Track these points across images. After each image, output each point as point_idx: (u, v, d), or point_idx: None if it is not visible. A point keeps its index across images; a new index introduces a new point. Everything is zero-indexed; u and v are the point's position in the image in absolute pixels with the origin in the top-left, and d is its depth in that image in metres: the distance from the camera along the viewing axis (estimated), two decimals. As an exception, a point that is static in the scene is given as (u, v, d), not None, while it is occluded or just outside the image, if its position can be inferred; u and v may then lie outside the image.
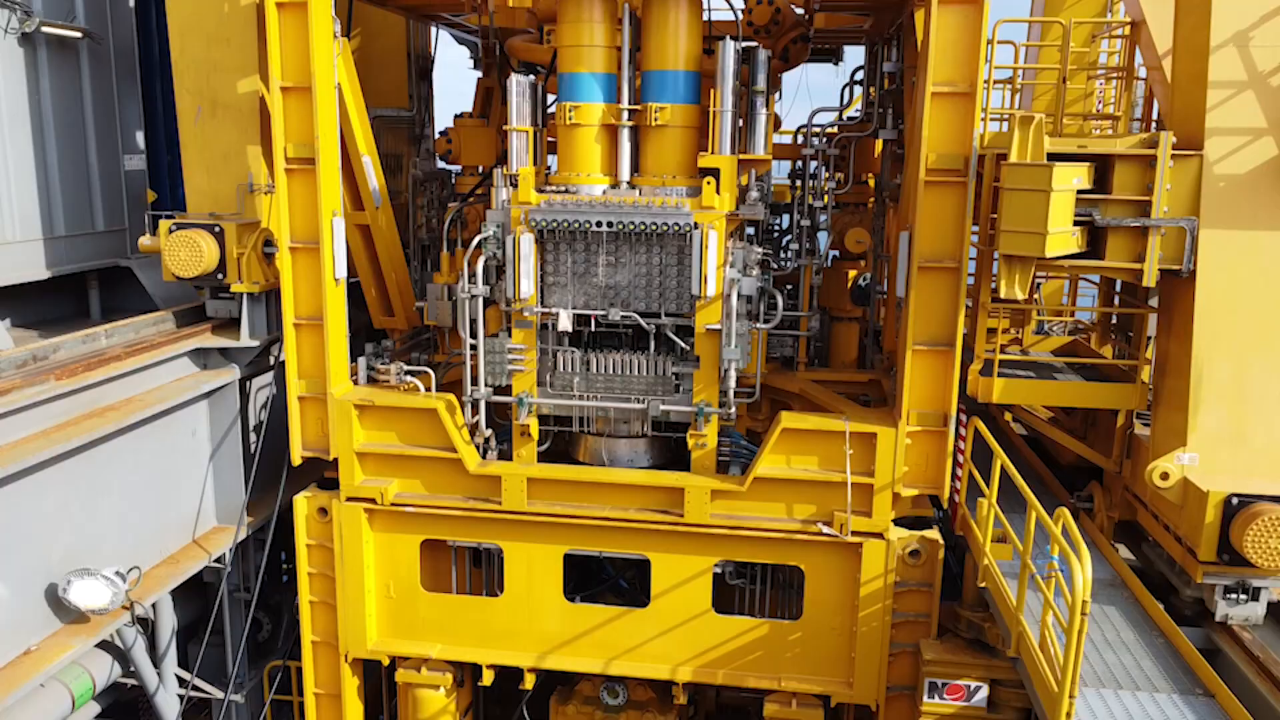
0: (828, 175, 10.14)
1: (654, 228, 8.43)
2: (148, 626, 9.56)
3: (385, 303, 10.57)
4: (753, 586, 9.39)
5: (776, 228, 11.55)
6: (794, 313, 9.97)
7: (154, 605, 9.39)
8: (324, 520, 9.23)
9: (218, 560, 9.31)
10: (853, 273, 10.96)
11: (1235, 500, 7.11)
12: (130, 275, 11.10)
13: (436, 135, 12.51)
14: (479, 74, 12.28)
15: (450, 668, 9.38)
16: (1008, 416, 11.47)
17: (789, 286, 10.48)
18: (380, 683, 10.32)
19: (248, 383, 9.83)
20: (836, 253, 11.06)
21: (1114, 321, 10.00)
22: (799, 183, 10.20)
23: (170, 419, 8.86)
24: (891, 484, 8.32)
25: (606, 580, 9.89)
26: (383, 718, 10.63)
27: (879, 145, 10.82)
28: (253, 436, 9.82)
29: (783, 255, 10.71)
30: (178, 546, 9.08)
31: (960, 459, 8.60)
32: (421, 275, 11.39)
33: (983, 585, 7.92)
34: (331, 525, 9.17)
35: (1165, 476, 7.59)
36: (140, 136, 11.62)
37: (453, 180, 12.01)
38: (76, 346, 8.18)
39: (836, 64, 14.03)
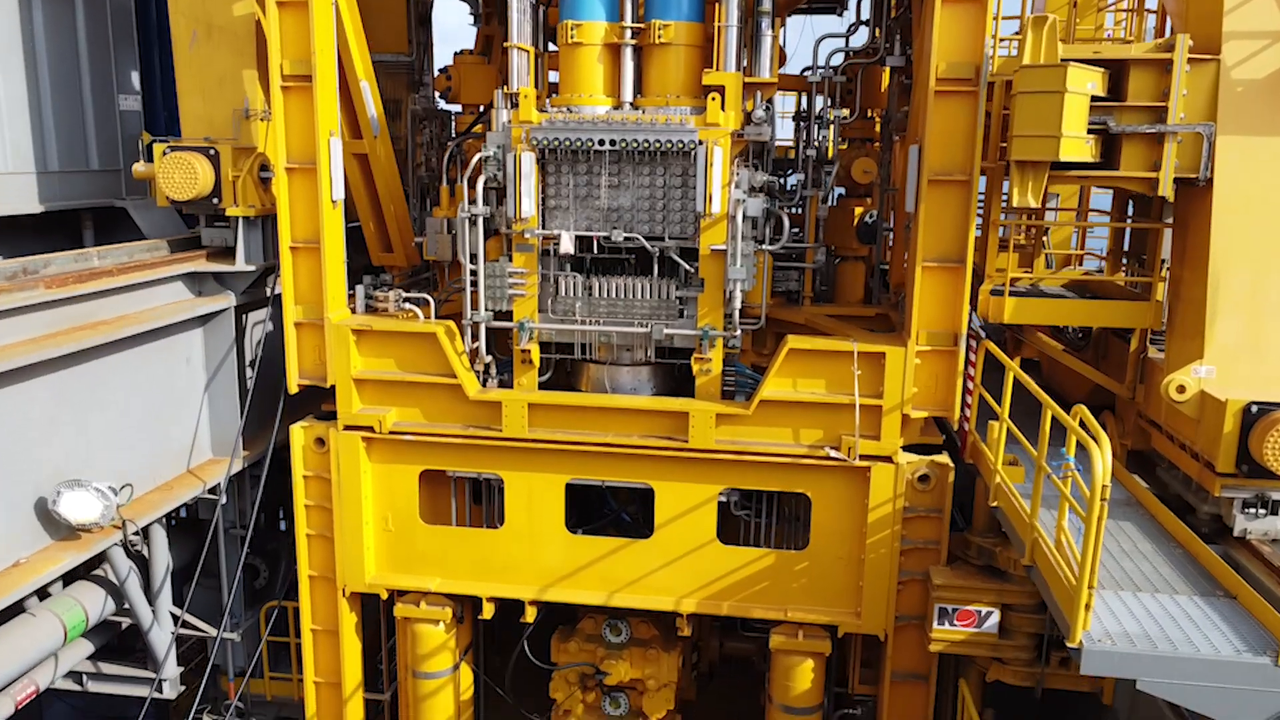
0: (834, 106, 9.97)
1: (658, 145, 8.25)
2: (143, 565, 9.41)
3: (384, 238, 10.39)
4: (758, 520, 9.20)
5: (780, 182, 11.37)
6: (800, 244, 9.80)
7: (148, 538, 9.25)
8: (321, 451, 9.05)
9: (212, 491, 9.13)
10: (859, 210, 10.79)
11: (1255, 408, 6.93)
12: (125, 217, 10.93)
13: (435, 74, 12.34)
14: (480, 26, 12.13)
15: (450, 602, 9.20)
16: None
17: (795, 230, 10.30)
18: (379, 621, 10.11)
19: (244, 316, 9.66)
20: (842, 190, 10.89)
21: (1126, 250, 9.80)
22: (804, 123, 10.02)
23: (164, 344, 8.69)
24: (900, 405, 8.14)
25: (609, 514, 9.70)
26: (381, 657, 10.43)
27: (885, 79, 10.65)
28: (249, 371, 9.64)
29: (788, 200, 10.53)
30: (172, 475, 8.91)
31: (970, 385, 8.44)
32: (420, 214, 11.21)
33: (994, 505, 7.75)
34: (329, 456, 9.00)
35: (1182, 390, 7.42)
36: (135, 77, 11.45)
37: (452, 120, 11.84)
38: (68, 264, 8.00)
39: (840, 14, 13.84)
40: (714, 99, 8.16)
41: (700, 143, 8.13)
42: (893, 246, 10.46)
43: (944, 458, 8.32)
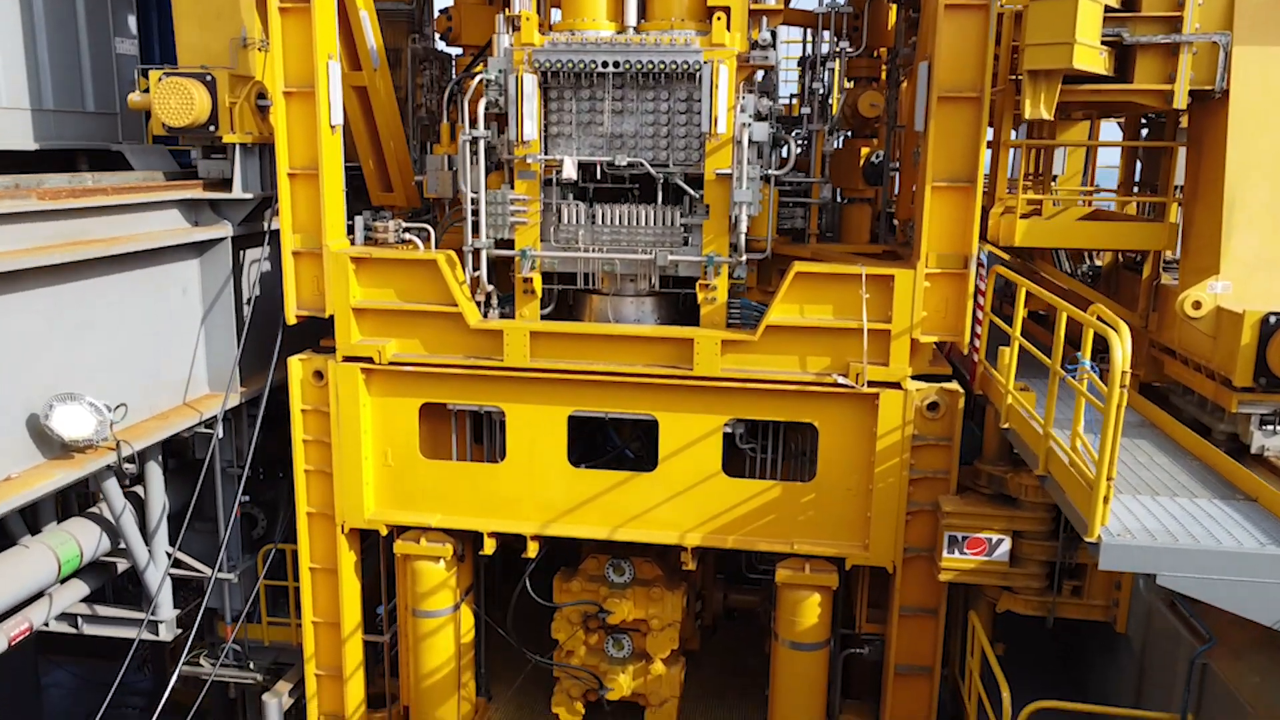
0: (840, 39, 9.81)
1: (662, 67, 8.11)
2: (139, 505, 9.27)
3: (383, 177, 10.25)
4: (764, 455, 9.06)
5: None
6: (806, 178, 9.66)
7: (144, 476, 9.12)
8: (319, 384, 8.91)
9: (208, 425, 8.98)
10: (865, 150, 10.64)
11: (1273, 319, 6.78)
12: (120, 160, 10.75)
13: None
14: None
15: (450, 539, 9.05)
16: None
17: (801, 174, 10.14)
18: (379, 569, 9.95)
19: (241, 253, 9.51)
20: (849, 132, 10.75)
21: (1137, 180, 9.64)
22: (809, 62, 9.87)
23: (160, 271, 8.54)
24: (909, 329, 7.99)
25: (612, 450, 9.54)
26: (381, 611, 10.28)
27: (892, 16, 10.51)
28: (246, 310, 9.47)
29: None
30: (168, 407, 8.75)
31: (980, 315, 8.30)
32: (421, 157, 11.06)
33: (1006, 426, 7.60)
34: (327, 389, 8.85)
35: (1197, 305, 7.28)
36: (132, 21, 11.30)
37: (452, 63, 11.68)
38: (62, 183, 7.85)
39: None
40: (719, 18, 8.02)
41: (706, 63, 7.99)
42: (900, 186, 10.31)
43: (953, 385, 8.17)
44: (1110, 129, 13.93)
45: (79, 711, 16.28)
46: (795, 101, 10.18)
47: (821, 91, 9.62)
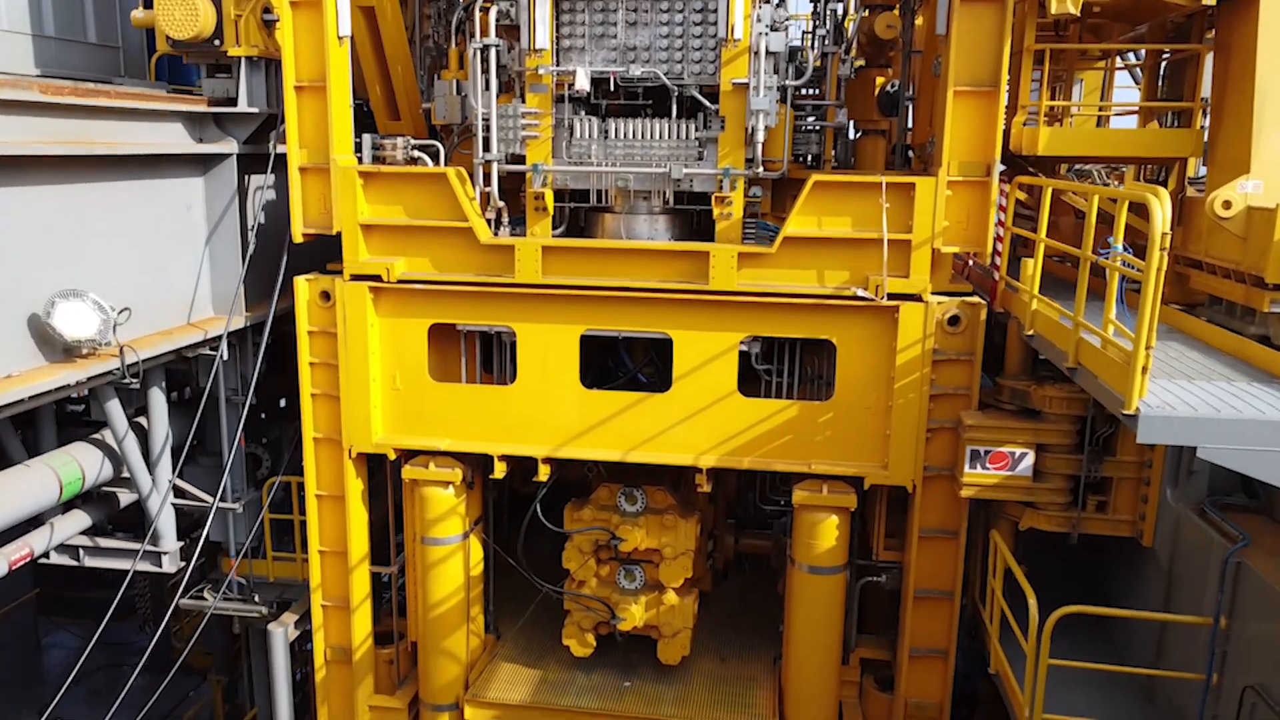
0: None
1: (677, -27, 7.94)
2: (142, 436, 9.09)
3: (390, 105, 10.05)
4: (780, 379, 8.88)
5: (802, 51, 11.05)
6: (821, 101, 9.49)
7: (148, 405, 8.96)
8: (326, 306, 8.73)
9: (212, 346, 8.80)
10: (880, 80, 10.47)
11: (1307, 212, 6.61)
12: (123, 95, 10.61)
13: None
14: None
15: (459, 465, 8.86)
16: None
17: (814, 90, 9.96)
18: (387, 505, 9.75)
19: (246, 177, 9.32)
20: (863, 62, 10.58)
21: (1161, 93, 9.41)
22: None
23: (164, 185, 8.37)
24: (930, 239, 7.82)
25: (625, 375, 9.34)
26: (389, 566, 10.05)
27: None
28: (251, 236, 9.28)
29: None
30: (173, 325, 8.56)
31: (1000, 231, 8.13)
32: (428, 89, 10.86)
33: (1030, 333, 7.42)
34: (334, 310, 8.67)
35: (1227, 205, 7.10)
36: (135, -47, 11.13)
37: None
38: (64, 83, 7.67)
39: None
40: (735, -77, 7.84)
41: (722, -35, 7.82)
42: (915, 114, 10.14)
43: (975, 298, 8.00)
44: (1123, 80, 13.77)
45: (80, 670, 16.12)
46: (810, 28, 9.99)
47: (839, 13, 9.45)
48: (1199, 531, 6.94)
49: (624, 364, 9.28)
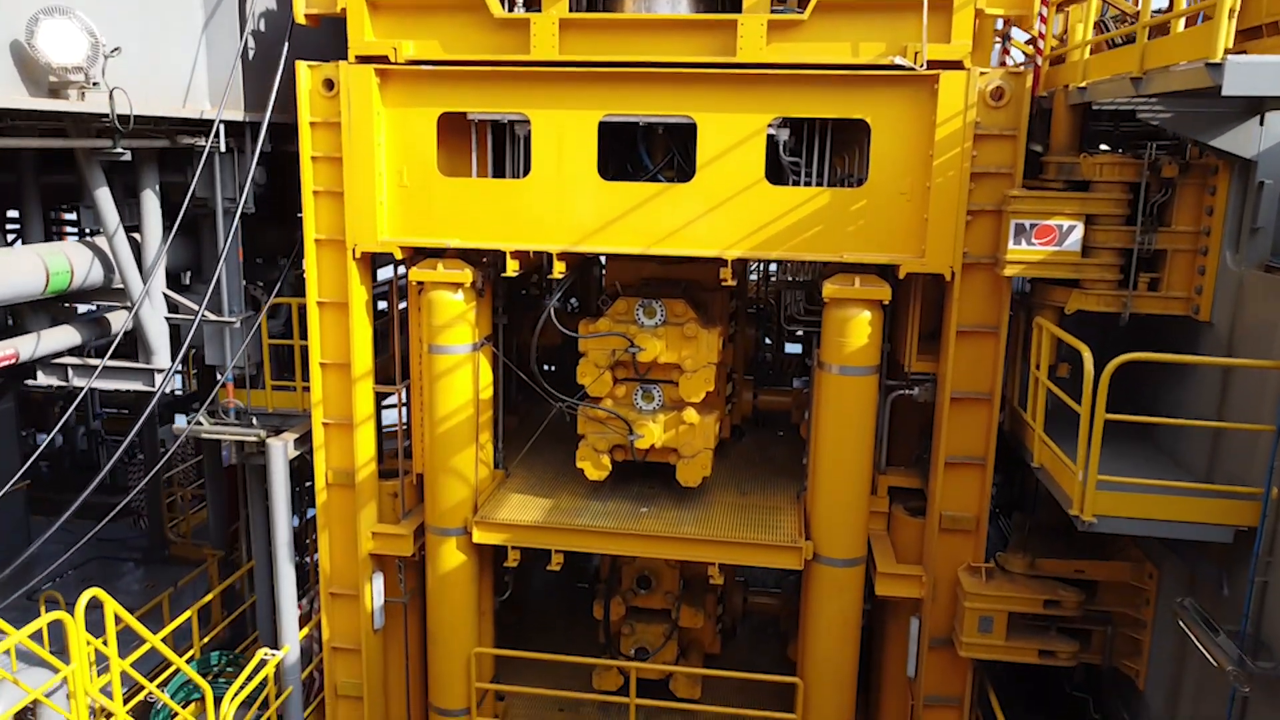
0: None
1: None
2: (136, 250, 8.63)
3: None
4: (809, 178, 8.40)
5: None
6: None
7: (139, 206, 8.51)
8: (330, 95, 8.27)
9: (207, 134, 8.31)
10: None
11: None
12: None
13: None
14: None
15: (469, 267, 8.39)
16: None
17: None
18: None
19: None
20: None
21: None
22: None
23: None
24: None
25: (645, 175, 8.85)
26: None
27: None
28: (250, 19, 8.75)
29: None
30: (165, 111, 8.07)
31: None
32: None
33: (1084, 84, 6.95)
34: (338, 99, 8.20)
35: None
36: None
37: None
38: None
39: None
40: None
41: None
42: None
43: (1020, 68, 7.53)
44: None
45: (68, 563, 15.67)
46: None
47: None
48: (1265, 288, 6.46)
49: (644, 163, 8.79)
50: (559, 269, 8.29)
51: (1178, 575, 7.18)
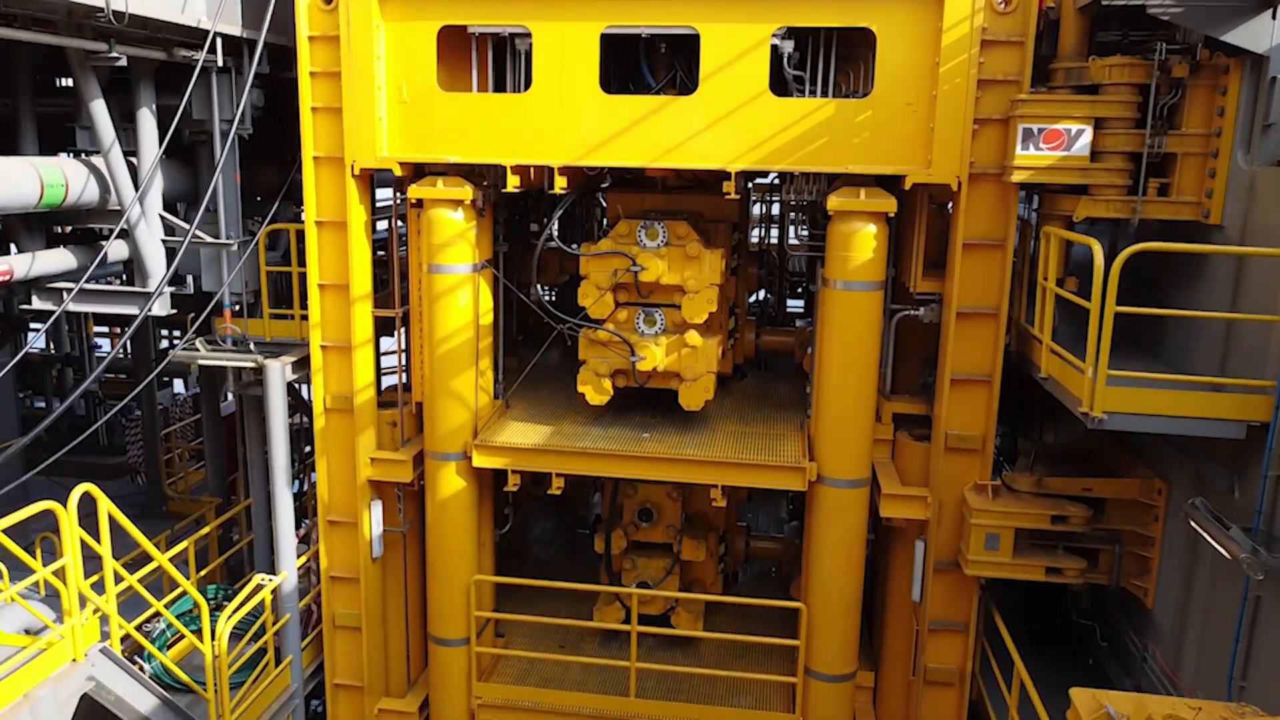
0: None
1: None
2: (133, 173, 8.52)
3: None
4: (814, 87, 8.29)
5: None
6: None
7: (135, 130, 8.40)
8: (329, 8, 8.18)
9: (208, 51, 8.21)
10: None
11: None
12: None
13: None
14: None
15: (470, 187, 8.29)
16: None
17: None
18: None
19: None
20: None
21: None
22: None
23: None
24: (981, -100, 7.26)
25: (648, 92, 8.74)
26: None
27: None
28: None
29: None
30: (162, 14, 7.96)
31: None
32: None
33: (1092, -18, 6.85)
34: (337, 13, 8.11)
35: None
36: None
37: None
38: None
39: None
40: None
41: None
42: None
43: (1027, -26, 7.43)
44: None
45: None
46: None
47: None
48: (1278, 185, 6.36)
49: (646, 81, 8.69)
50: (560, 184, 8.19)
51: (1187, 490, 7.07)
